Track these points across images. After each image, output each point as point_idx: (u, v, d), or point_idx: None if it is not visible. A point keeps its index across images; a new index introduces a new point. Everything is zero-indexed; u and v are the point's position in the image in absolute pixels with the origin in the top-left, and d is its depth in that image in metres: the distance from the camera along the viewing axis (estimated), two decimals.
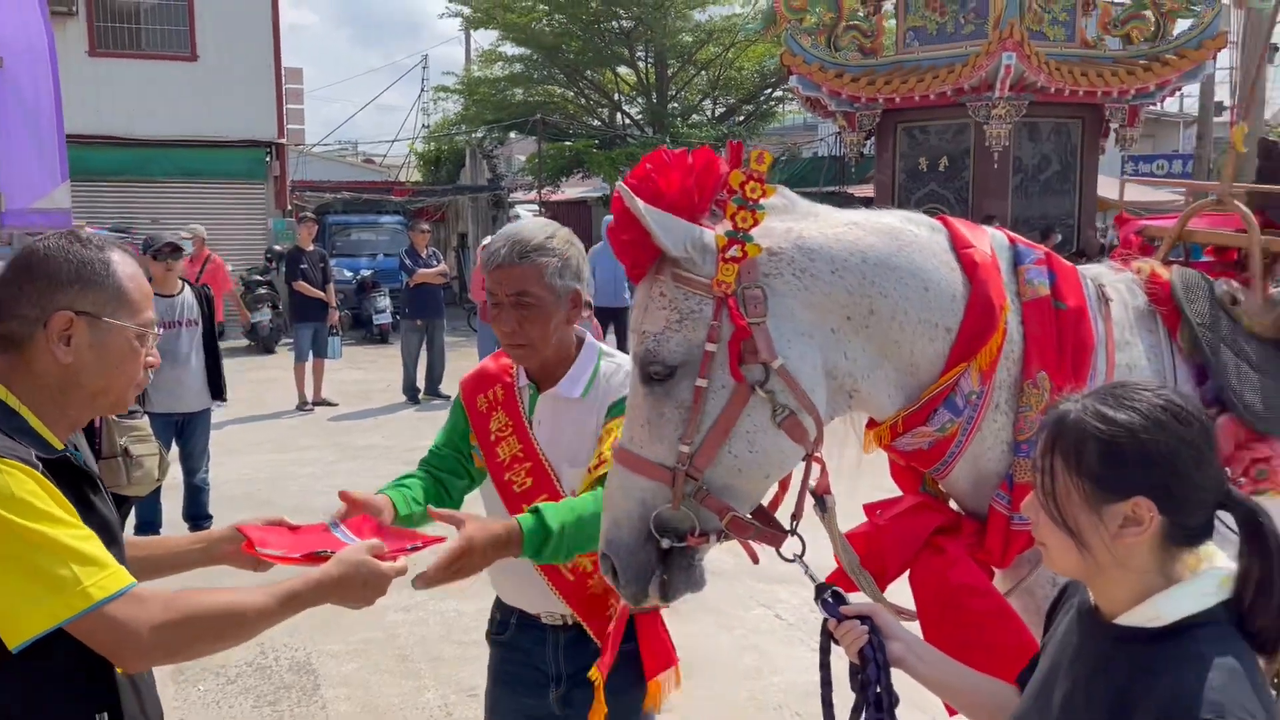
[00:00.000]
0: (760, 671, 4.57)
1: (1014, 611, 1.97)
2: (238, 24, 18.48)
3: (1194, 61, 14.10)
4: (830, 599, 1.76)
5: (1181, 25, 14.59)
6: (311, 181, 24.55)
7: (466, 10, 25.48)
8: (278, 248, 16.82)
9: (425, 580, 1.93)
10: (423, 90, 33.54)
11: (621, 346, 10.81)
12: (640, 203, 1.82)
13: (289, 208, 19.70)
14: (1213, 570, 1.35)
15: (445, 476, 2.45)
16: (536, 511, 2.06)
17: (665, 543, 1.88)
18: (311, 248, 11.61)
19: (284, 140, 19.72)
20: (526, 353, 2.29)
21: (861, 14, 15.75)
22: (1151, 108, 16.25)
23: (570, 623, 2.36)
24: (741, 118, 26.54)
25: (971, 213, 14.54)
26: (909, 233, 2.00)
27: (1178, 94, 18.47)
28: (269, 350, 15.93)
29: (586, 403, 2.31)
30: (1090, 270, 2.20)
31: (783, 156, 25.08)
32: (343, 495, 2.13)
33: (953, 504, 2.14)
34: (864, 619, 1.71)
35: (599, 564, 1.96)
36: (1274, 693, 1.44)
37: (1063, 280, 2.02)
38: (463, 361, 12.03)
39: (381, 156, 35.10)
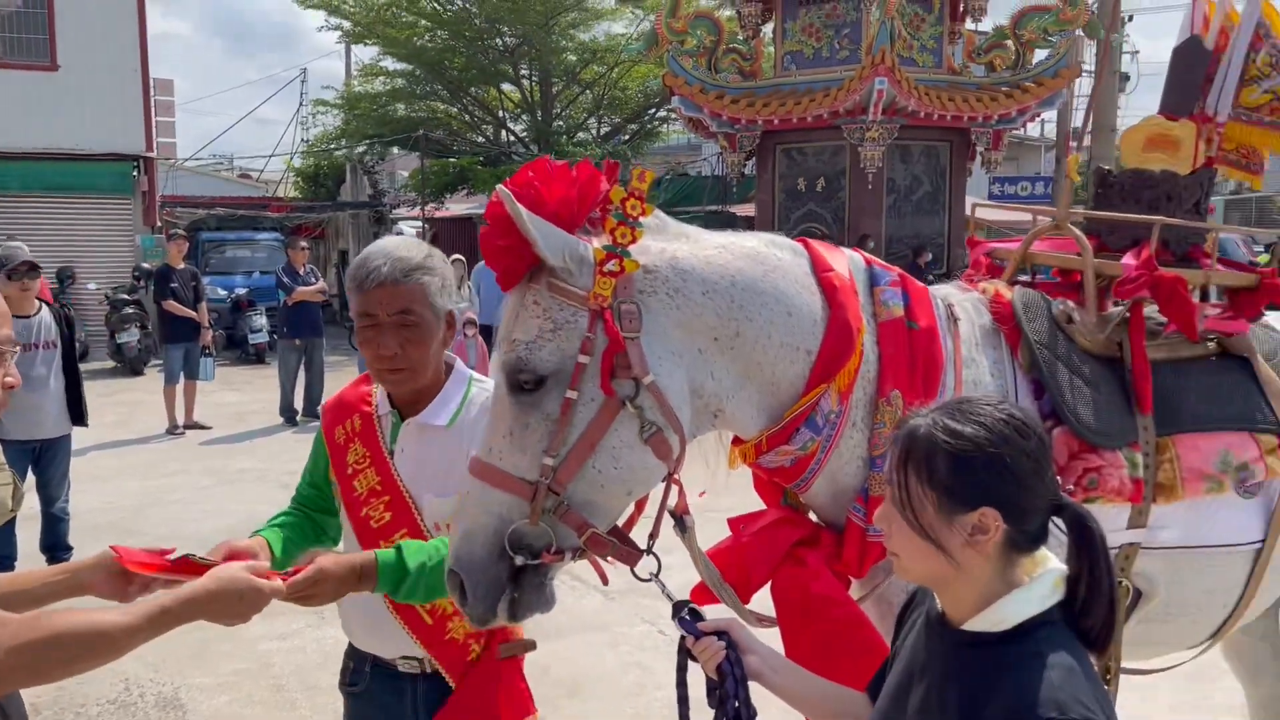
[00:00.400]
0: (644, 687, 4.59)
1: (868, 620, 2.03)
2: (101, 32, 17.70)
3: (1051, 89, 14.85)
4: (688, 616, 1.78)
5: (1040, 55, 15.36)
6: (183, 197, 23.66)
7: (346, 24, 25.02)
8: (146, 265, 16.18)
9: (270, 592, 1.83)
10: (301, 104, 32.79)
11: None
12: (522, 209, 1.81)
13: (158, 224, 18.97)
14: (1047, 573, 1.43)
15: (318, 515, 2.35)
16: (398, 548, 1.99)
17: (519, 560, 1.86)
18: (182, 265, 11.27)
19: (153, 154, 18.98)
20: (405, 377, 2.14)
21: (741, 37, 16.11)
22: (1014, 132, 17.05)
23: (429, 669, 2.22)
24: (627, 136, 26.75)
25: (848, 231, 14.99)
26: (774, 257, 2.07)
27: (1038, 119, 19.37)
28: (137, 372, 15.27)
29: (454, 431, 2.18)
30: (940, 290, 2.31)
31: (667, 175, 25.38)
32: (221, 547, 2.00)
33: (813, 516, 2.21)
34: (721, 635, 1.72)
35: (447, 581, 1.91)
36: (1105, 686, 1.53)
37: (915, 301, 2.11)
38: (344, 381, 11.74)
39: (258, 171, 34.15)
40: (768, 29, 16.50)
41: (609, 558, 1.96)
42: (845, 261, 2.13)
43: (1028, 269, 2.71)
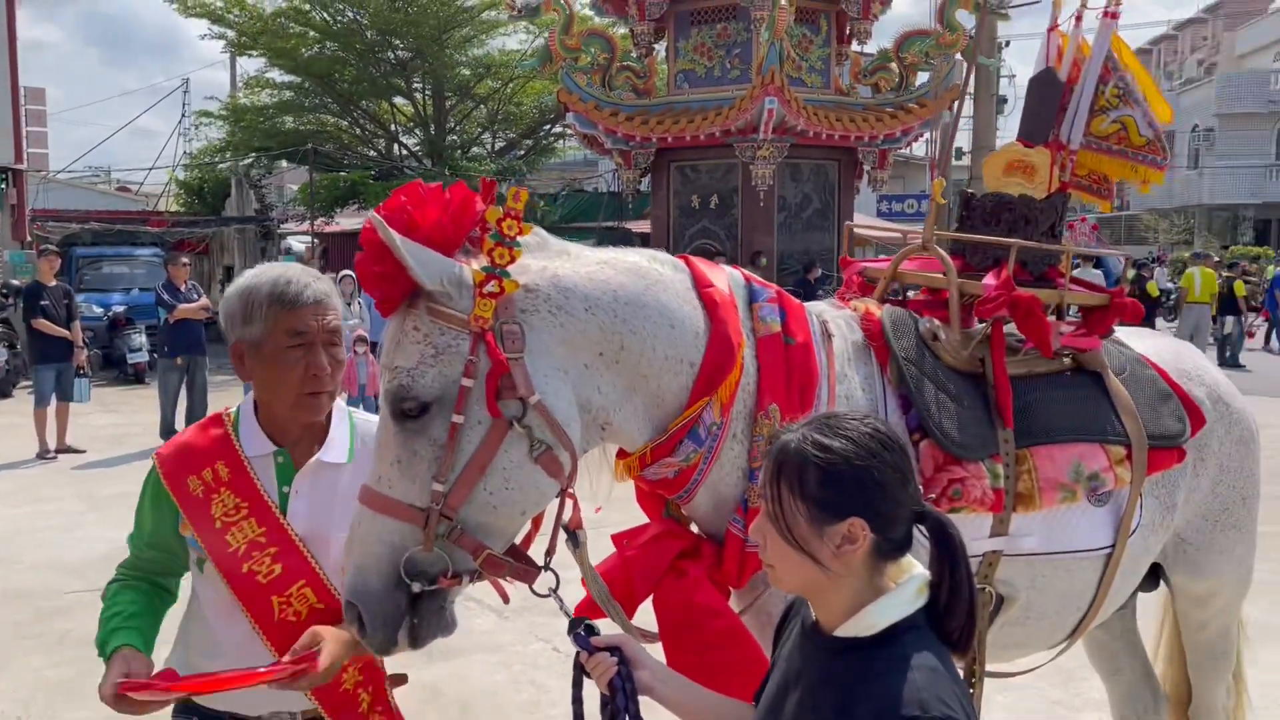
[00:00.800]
0: (538, 705, 4.56)
1: (748, 631, 2.07)
2: None
3: (933, 110, 15.39)
4: (583, 632, 1.79)
5: (922, 77, 15.91)
6: (56, 210, 22.62)
7: (230, 34, 24.35)
8: (15, 282, 15.44)
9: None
10: (184, 115, 31.73)
11: None
12: (395, 235, 1.79)
13: (29, 239, 18.12)
14: (912, 579, 1.49)
15: (163, 579, 2.17)
16: None
17: (416, 586, 1.84)
18: (54, 282, 10.81)
19: (23, 165, 18.18)
20: (326, 401, 2.08)
21: (634, 55, 16.26)
22: (900, 151, 17.60)
23: None
24: (522, 152, 26.70)
25: (741, 248, 15.25)
26: (655, 272, 2.10)
27: (922, 139, 20.05)
28: (5, 394, 14.53)
29: (354, 466, 2.08)
30: (815, 307, 2.38)
31: (563, 191, 25.40)
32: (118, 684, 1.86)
33: (695, 528, 2.24)
34: (613, 650, 1.74)
35: (345, 612, 1.88)
36: (970, 687, 1.59)
37: (792, 317, 2.17)
38: (228, 401, 11.40)
39: (138, 185, 32.89)
40: (660, 47, 16.70)
41: (507, 577, 1.96)
42: (725, 278, 2.18)
43: (897, 287, 2.79)
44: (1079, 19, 2.94)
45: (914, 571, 1.50)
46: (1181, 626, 3.13)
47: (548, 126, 26.09)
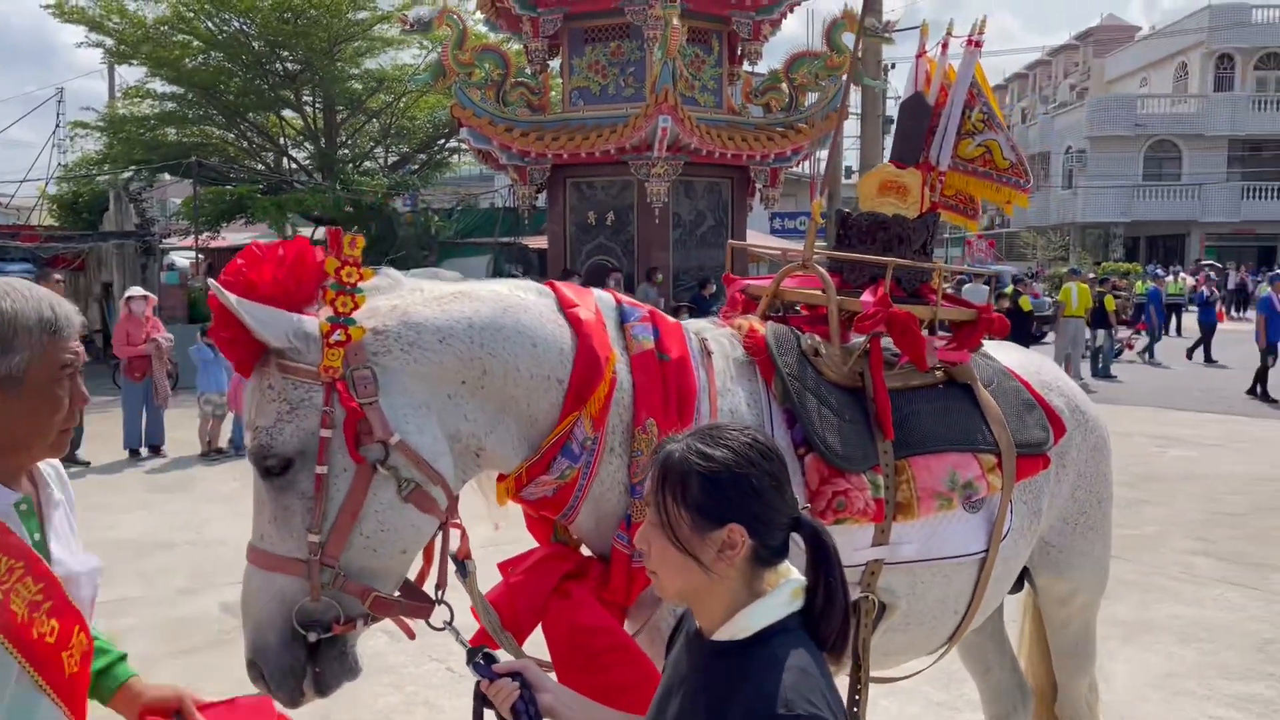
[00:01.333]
0: None
1: (636, 647, 2.10)
2: None
3: (823, 130, 15.77)
4: (482, 660, 1.80)
5: (812, 98, 16.32)
6: None
7: (109, 42, 23.47)
8: None
9: None
10: (58, 126, 30.42)
11: None
12: (233, 298, 1.84)
13: None
14: (786, 583, 1.54)
15: None
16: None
17: (312, 636, 1.89)
18: None
19: None
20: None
21: (529, 72, 16.27)
22: (791, 170, 17.99)
23: None
24: (415, 166, 26.38)
25: (638, 264, 15.36)
26: (515, 297, 2.14)
27: (812, 158, 20.52)
28: None
29: (69, 501, 1.86)
30: (694, 325, 2.43)
31: (459, 206, 25.18)
32: None
33: (585, 549, 2.26)
34: (514, 675, 1.75)
35: (249, 671, 1.92)
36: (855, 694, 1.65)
37: (666, 335, 2.22)
38: (104, 424, 10.98)
39: (8, 198, 31.37)
40: (555, 64, 16.75)
41: (400, 615, 2.01)
42: (593, 300, 2.23)
43: (779, 305, 2.87)
44: (945, 46, 3.09)
45: (790, 577, 1.55)
46: (1046, 625, 3.26)
47: (442, 141, 25.86)
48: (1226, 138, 42.35)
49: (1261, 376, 15.47)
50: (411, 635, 2.11)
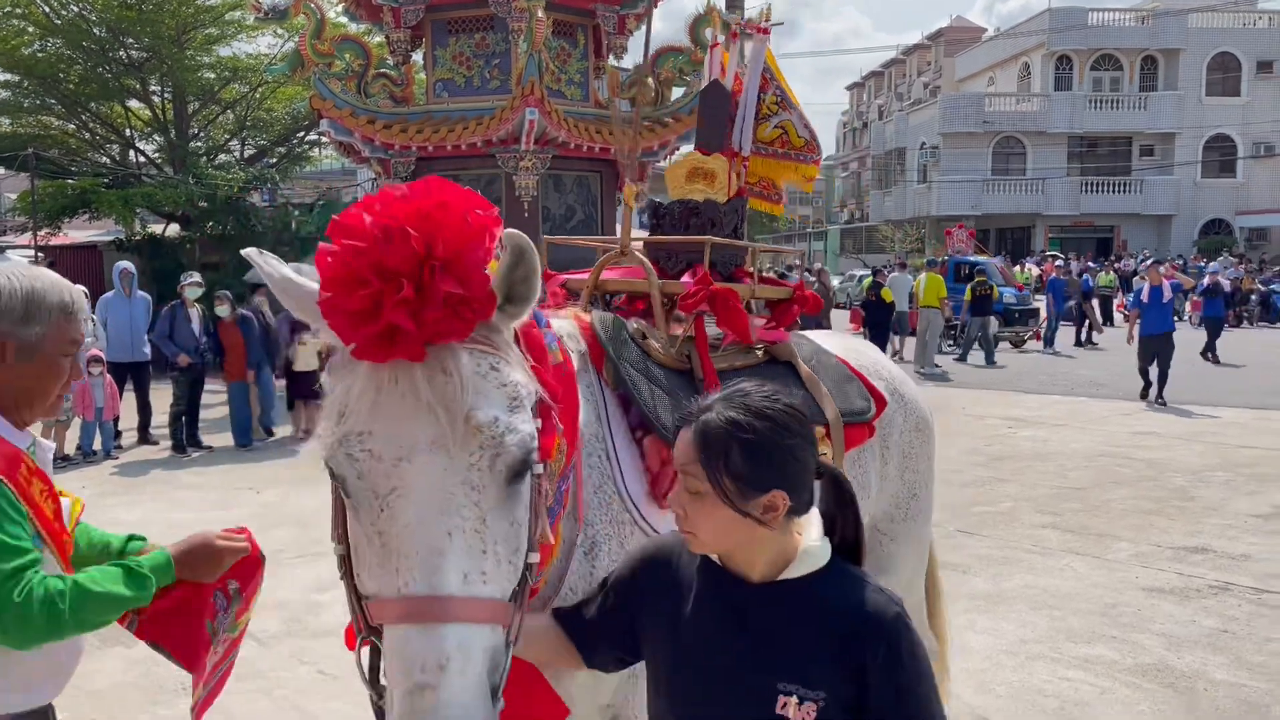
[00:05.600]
0: None
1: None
2: None
3: (688, 125, 15.93)
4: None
5: (677, 92, 16.48)
6: None
7: None
8: None
9: None
10: None
11: (143, 400, 9.84)
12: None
13: None
14: (814, 525, 1.72)
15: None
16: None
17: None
18: None
19: None
20: None
21: (391, 63, 15.91)
22: (659, 164, 18.15)
23: None
24: (274, 160, 25.48)
25: None
26: None
27: (677, 152, 20.75)
28: None
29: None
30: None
31: (320, 201, 24.46)
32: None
33: None
34: None
35: None
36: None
37: (559, 342, 2.19)
38: None
39: None
40: (418, 56, 16.43)
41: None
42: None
43: (599, 296, 2.85)
44: (735, 35, 3.19)
45: (813, 518, 1.73)
46: None
47: (301, 134, 25.06)
48: (1066, 134, 44.78)
49: (1145, 375, 13.82)
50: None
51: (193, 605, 2.20)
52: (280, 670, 4.99)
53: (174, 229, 22.62)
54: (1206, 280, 20.17)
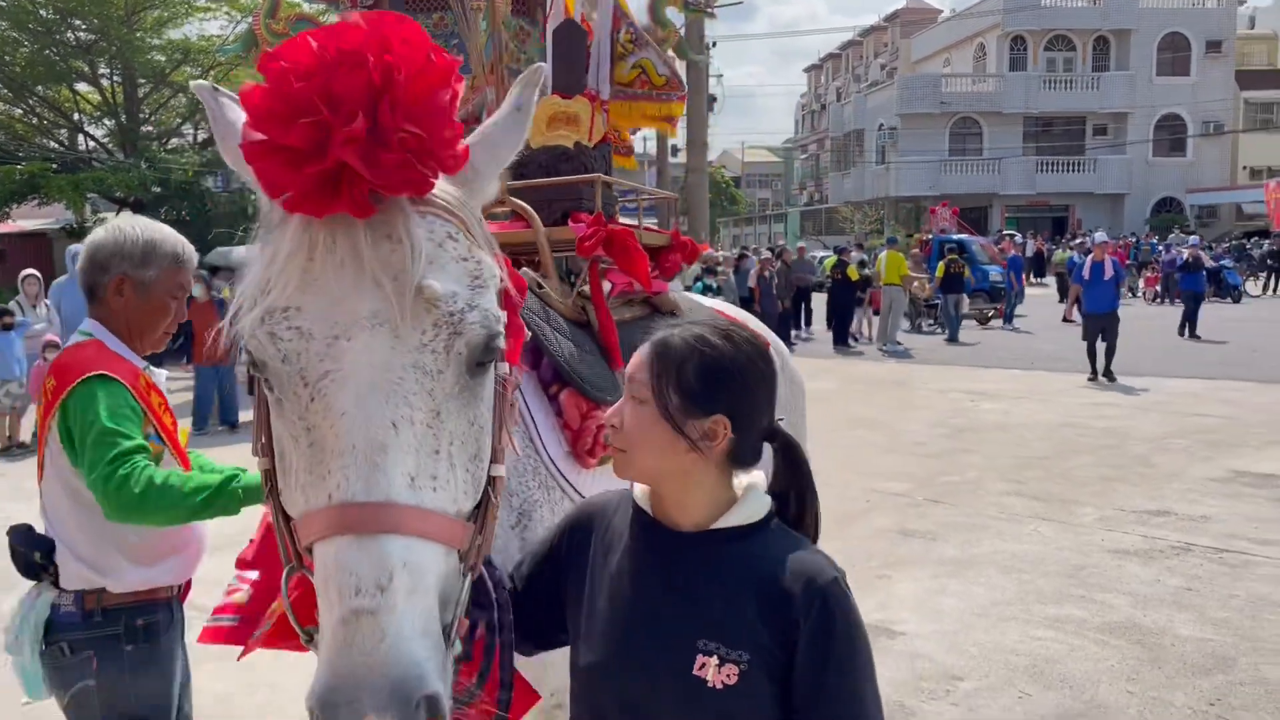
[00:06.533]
0: (274, 705, 4.33)
1: None
2: None
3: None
4: None
5: None
6: None
7: None
8: None
9: None
10: None
11: None
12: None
13: None
14: (756, 482, 1.59)
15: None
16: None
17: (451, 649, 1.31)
18: None
19: None
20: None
21: None
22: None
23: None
24: None
25: None
26: None
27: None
28: None
29: None
30: None
31: None
32: None
33: None
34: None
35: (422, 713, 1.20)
36: None
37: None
38: None
39: None
40: None
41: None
42: None
43: None
44: None
45: (755, 477, 1.60)
46: None
47: None
48: (1021, 115, 45.25)
49: (1092, 355, 13.37)
50: None
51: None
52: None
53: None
54: (1186, 254, 19.98)
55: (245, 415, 11.51)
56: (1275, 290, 28.35)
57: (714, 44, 29.04)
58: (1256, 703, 4.22)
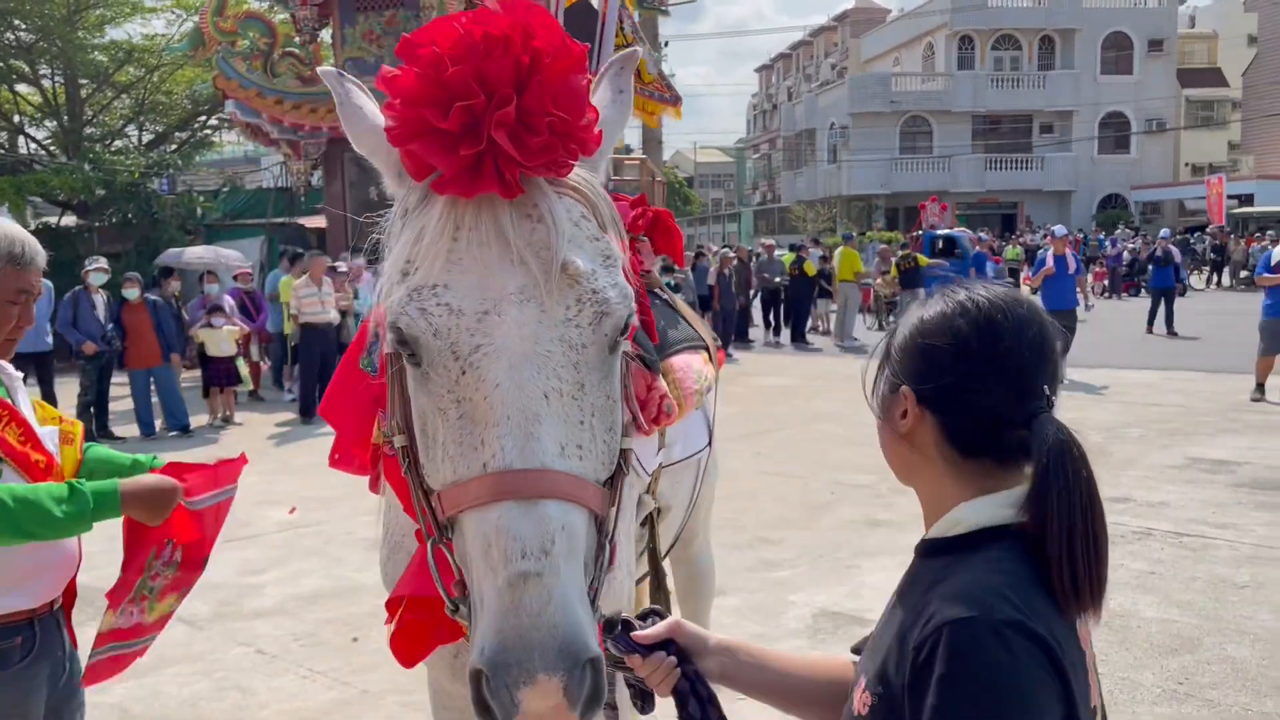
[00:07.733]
0: (244, 708, 4.23)
1: None
2: None
3: None
4: (621, 632, 1.45)
5: None
6: None
7: None
8: None
9: None
10: None
11: (47, 391, 9.42)
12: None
13: None
14: (1021, 488, 1.27)
15: None
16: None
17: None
18: None
19: None
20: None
21: (298, 42, 15.50)
22: None
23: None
24: (174, 145, 24.62)
25: None
26: None
27: None
28: None
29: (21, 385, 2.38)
30: None
31: (225, 188, 23.73)
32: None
33: None
34: (666, 645, 1.45)
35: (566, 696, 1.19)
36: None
37: None
38: None
39: None
40: (326, 35, 16.04)
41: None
42: None
43: None
44: None
45: (1015, 493, 1.28)
46: (686, 538, 3.12)
47: (203, 118, 24.28)
48: (970, 113, 45.88)
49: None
50: None
51: (128, 550, 2.24)
52: (217, 652, 4.82)
53: (70, 219, 21.72)
54: (1157, 248, 19.37)
55: (196, 419, 11.28)
56: (1219, 283, 29.01)
57: (667, 43, 29.08)
58: (1224, 680, 4.28)
